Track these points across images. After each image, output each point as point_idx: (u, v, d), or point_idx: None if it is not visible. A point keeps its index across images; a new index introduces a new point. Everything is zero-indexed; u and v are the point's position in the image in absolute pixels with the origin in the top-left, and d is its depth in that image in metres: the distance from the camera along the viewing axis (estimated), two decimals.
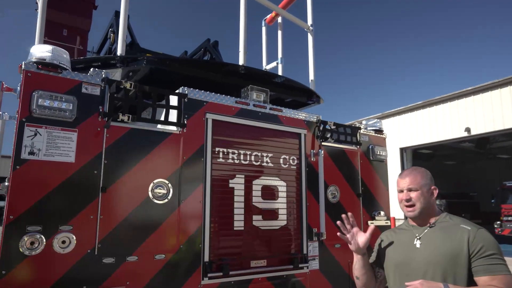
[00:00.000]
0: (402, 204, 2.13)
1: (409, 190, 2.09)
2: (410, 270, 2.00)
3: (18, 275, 2.45)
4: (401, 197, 2.13)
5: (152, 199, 3.00)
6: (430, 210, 2.10)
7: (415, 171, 2.14)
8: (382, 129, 4.80)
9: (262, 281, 3.49)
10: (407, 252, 2.08)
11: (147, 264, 2.91)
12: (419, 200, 2.06)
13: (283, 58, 5.47)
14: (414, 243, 2.08)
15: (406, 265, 2.06)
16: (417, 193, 2.06)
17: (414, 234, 2.11)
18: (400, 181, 2.15)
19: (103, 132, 2.87)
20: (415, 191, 2.07)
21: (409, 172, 2.16)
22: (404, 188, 2.11)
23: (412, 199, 2.07)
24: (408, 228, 2.19)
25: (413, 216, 2.11)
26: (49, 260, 2.55)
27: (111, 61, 3.54)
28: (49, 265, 2.55)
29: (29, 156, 2.58)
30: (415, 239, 2.08)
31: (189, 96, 3.34)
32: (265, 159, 3.72)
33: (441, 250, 1.96)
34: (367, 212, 4.40)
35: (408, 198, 2.08)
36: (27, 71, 2.64)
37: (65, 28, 4.76)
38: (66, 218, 2.64)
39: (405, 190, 2.10)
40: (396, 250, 2.17)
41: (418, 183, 2.07)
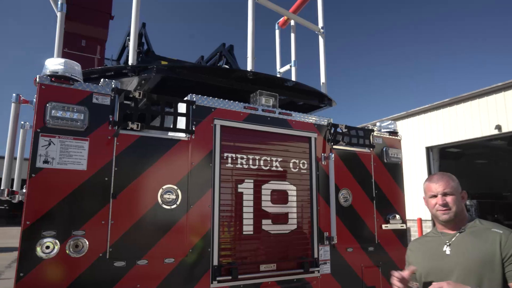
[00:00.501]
0: (435, 209, 2.09)
1: (444, 195, 2.06)
2: (442, 277, 1.95)
3: (35, 277, 2.59)
4: (435, 202, 2.09)
5: (162, 205, 3.09)
6: (462, 215, 2.09)
7: (446, 176, 2.12)
8: (397, 130, 4.71)
9: (272, 285, 3.51)
10: (437, 259, 2.06)
11: (157, 267, 3.00)
12: (455, 204, 2.04)
13: (296, 61, 5.47)
14: (444, 249, 2.05)
15: (437, 272, 2.03)
16: (453, 197, 2.05)
17: (444, 241, 2.08)
18: (433, 185, 2.12)
19: (114, 140, 2.98)
20: (450, 195, 2.05)
21: (441, 176, 2.13)
22: (438, 192, 2.08)
23: (449, 203, 2.05)
24: (436, 235, 2.17)
25: (448, 219, 2.07)
26: (63, 263, 2.68)
27: (123, 71, 3.66)
28: (63, 268, 2.68)
29: (43, 165, 2.72)
30: (445, 245, 2.06)
31: (197, 103, 3.41)
32: (275, 164, 3.75)
33: (472, 255, 1.92)
34: (381, 216, 4.33)
35: (445, 203, 2.05)
36: (41, 83, 2.79)
37: (84, 39, 4.97)
38: (79, 223, 2.77)
39: (439, 195, 2.07)
40: (425, 258, 2.14)
41: (452, 187, 2.06)
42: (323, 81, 4.77)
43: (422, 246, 2.22)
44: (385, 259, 4.26)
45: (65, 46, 4.78)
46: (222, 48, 6.49)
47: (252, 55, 3.98)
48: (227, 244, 3.38)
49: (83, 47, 4.94)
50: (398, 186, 4.57)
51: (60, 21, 4.06)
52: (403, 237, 4.47)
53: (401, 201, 4.55)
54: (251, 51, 3.98)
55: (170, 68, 3.93)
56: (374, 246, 4.21)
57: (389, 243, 4.33)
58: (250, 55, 3.98)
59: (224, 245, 3.35)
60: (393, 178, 4.55)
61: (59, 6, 4.09)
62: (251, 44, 3.97)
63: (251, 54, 3.97)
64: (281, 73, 5.83)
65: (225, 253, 3.34)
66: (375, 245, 4.22)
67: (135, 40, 3.69)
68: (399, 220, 4.43)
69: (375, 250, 4.21)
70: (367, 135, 4.39)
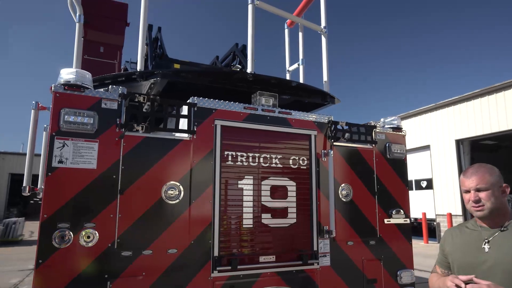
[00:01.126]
0: (470, 205, 1.98)
1: (477, 190, 1.94)
2: (476, 274, 1.86)
3: (51, 264, 2.93)
4: (468, 197, 1.98)
5: (165, 200, 3.37)
6: (501, 211, 1.95)
7: (482, 169, 1.98)
8: (401, 126, 4.75)
9: (271, 276, 3.72)
10: (474, 254, 1.97)
11: (161, 257, 3.29)
12: (489, 200, 1.91)
13: (304, 60, 5.60)
14: (483, 246, 1.95)
15: (472, 268, 1.94)
16: (487, 193, 1.92)
17: (483, 237, 1.98)
18: (466, 180, 1.99)
19: (121, 141, 3.28)
20: (484, 190, 1.92)
21: (475, 170, 1.99)
22: (471, 188, 1.96)
23: (482, 199, 1.93)
24: (475, 228, 2.05)
25: (482, 216, 1.97)
26: (76, 252, 3.02)
27: (132, 76, 3.96)
28: (76, 257, 3.02)
29: (58, 165, 3.06)
30: (484, 242, 1.96)
31: (199, 105, 3.65)
32: (274, 161, 3.94)
33: None
34: (383, 211, 4.43)
35: (477, 199, 1.93)
36: (55, 92, 3.12)
37: (102, 46, 5.35)
38: (90, 217, 3.09)
39: (472, 190, 1.95)
40: (462, 251, 2.05)
41: (487, 181, 1.92)
42: (325, 79, 4.88)
43: (460, 237, 2.12)
44: (387, 252, 4.36)
45: (85, 53, 5.19)
46: (235, 48, 6.70)
47: (252, 57, 4.17)
48: (228, 237, 3.62)
49: (101, 53, 5.32)
50: (401, 181, 4.63)
51: (78, 31, 4.42)
52: (407, 231, 4.54)
53: (404, 196, 4.62)
54: (251, 53, 4.17)
55: (175, 73, 4.19)
56: (375, 240, 4.31)
57: (391, 237, 4.42)
58: (250, 58, 4.17)
59: (224, 237, 3.59)
60: (397, 173, 4.61)
61: (77, 17, 4.45)
62: (251, 47, 4.16)
63: (251, 57, 4.17)
64: (290, 72, 5.98)
65: (225, 245, 3.58)
66: (377, 239, 4.32)
67: (143, 47, 3.97)
68: (402, 215, 4.50)
69: (377, 244, 4.32)
70: (369, 132, 4.48)
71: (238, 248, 3.65)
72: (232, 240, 3.64)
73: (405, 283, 4.38)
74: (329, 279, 4.00)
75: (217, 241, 3.52)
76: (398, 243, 4.45)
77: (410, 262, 4.48)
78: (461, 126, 17.16)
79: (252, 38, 4.16)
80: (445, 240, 2.24)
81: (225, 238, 3.59)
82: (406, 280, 4.38)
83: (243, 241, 3.70)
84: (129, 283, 3.14)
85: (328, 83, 4.85)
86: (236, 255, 3.59)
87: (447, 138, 17.69)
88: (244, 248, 3.69)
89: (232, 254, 3.59)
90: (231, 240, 3.63)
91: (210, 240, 3.50)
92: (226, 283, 3.51)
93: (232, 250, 3.61)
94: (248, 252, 3.69)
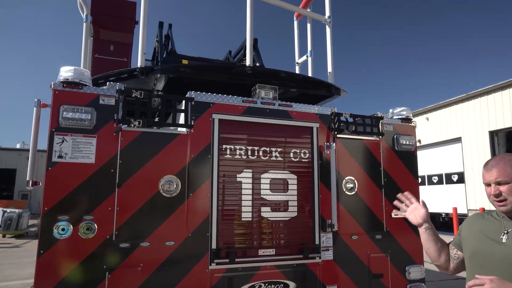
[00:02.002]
0: (491, 199, 1.92)
1: (498, 184, 1.86)
2: (487, 262, 1.86)
3: (52, 254, 3.06)
4: (489, 191, 1.93)
5: (162, 193, 3.43)
6: None
7: (504, 161, 1.89)
8: (410, 117, 4.58)
9: (271, 269, 3.71)
10: (490, 243, 1.92)
11: (158, 249, 3.35)
12: (511, 193, 1.83)
13: (312, 51, 5.51)
14: (501, 237, 1.89)
15: (484, 255, 1.91)
16: (508, 186, 1.83)
17: (503, 227, 1.91)
18: (486, 173, 1.93)
19: (118, 136, 3.36)
20: (505, 184, 1.84)
21: (496, 162, 1.91)
22: (491, 181, 1.89)
23: (503, 193, 1.85)
24: (498, 218, 1.99)
25: (505, 211, 1.91)
26: (76, 243, 3.13)
27: (134, 73, 4.03)
28: (76, 248, 3.13)
29: (58, 159, 3.18)
30: (503, 232, 1.89)
31: (196, 99, 3.68)
32: (274, 154, 3.91)
33: None
34: (391, 204, 4.29)
35: (498, 193, 1.86)
36: (55, 89, 3.24)
37: (112, 44, 5.49)
38: (89, 209, 3.20)
39: (492, 183, 1.89)
40: (479, 237, 2.01)
41: (508, 174, 1.83)
42: (330, 70, 4.77)
43: (480, 224, 2.06)
44: (395, 247, 4.23)
45: (95, 52, 5.36)
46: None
47: (250, 51, 4.14)
48: (226, 230, 3.63)
49: (112, 52, 5.46)
50: (411, 173, 4.47)
51: (85, 30, 4.56)
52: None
53: (414, 189, 4.44)
54: (249, 46, 4.14)
55: (174, 68, 4.24)
56: (382, 234, 4.19)
57: (400, 232, 4.28)
58: (249, 51, 4.14)
59: (222, 230, 3.61)
60: (406, 166, 4.46)
61: (84, 16, 4.59)
62: (249, 40, 4.13)
63: (250, 50, 4.14)
64: (299, 64, 5.90)
65: (223, 238, 3.60)
66: (384, 233, 4.20)
67: (143, 44, 4.04)
68: None
69: (384, 238, 4.20)
70: (375, 123, 4.35)
71: (236, 241, 3.66)
72: (231, 233, 3.65)
73: (414, 279, 4.24)
74: (332, 274, 3.93)
75: (215, 234, 3.55)
76: (407, 237, 4.30)
77: (420, 258, 4.32)
78: (495, 116, 16.33)
79: (251, 31, 4.13)
80: (464, 224, 2.20)
81: (223, 231, 3.61)
82: (415, 275, 4.24)
83: (241, 234, 3.70)
84: (127, 274, 3.23)
85: (332, 74, 4.75)
86: (234, 248, 3.61)
87: (479, 130, 16.90)
88: (242, 241, 3.70)
89: (230, 247, 3.60)
90: (229, 233, 3.65)
91: (207, 233, 3.53)
92: (225, 275, 3.54)
93: (230, 243, 3.63)
94: (247, 245, 3.69)
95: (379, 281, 4.10)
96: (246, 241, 3.71)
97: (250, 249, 3.69)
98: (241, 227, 3.71)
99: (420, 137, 20.42)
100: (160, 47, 5.84)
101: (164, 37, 6.17)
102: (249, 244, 3.71)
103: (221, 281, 3.51)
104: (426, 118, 20.29)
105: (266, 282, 3.66)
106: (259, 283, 3.63)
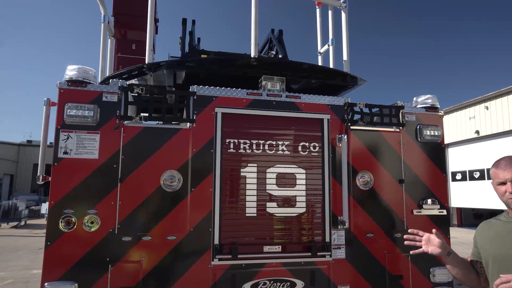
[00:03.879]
0: (506, 197, 1.99)
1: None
2: (509, 265, 1.89)
3: (58, 246, 3.21)
4: (505, 189, 1.99)
5: (164, 188, 3.44)
6: None
7: None
8: (436, 105, 4.17)
9: (276, 266, 3.58)
10: (505, 246, 1.97)
11: (160, 243, 3.38)
12: None
13: (334, 40, 5.24)
14: None
15: (504, 259, 1.95)
16: None
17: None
18: (500, 172, 2.02)
19: (120, 132, 3.43)
20: None
21: (509, 161, 2.01)
22: (507, 180, 1.97)
23: None
24: (507, 219, 2.06)
25: None
26: (80, 236, 3.25)
27: (142, 69, 4.09)
28: (80, 240, 3.25)
29: (63, 155, 3.31)
30: None
31: (198, 93, 3.64)
32: (281, 148, 3.76)
33: None
34: (413, 200, 3.96)
35: None
36: (60, 88, 3.38)
37: (134, 43, 5.64)
38: (92, 204, 3.30)
39: (508, 181, 1.96)
40: (495, 243, 2.06)
41: None
42: (345, 58, 4.49)
43: (491, 230, 2.12)
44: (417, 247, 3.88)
45: (118, 51, 5.54)
46: (271, 34, 6.56)
47: (255, 42, 4.01)
48: (229, 225, 3.57)
49: (133, 50, 5.62)
50: (437, 167, 4.09)
51: (103, 30, 4.72)
52: (443, 223, 4.00)
53: (440, 183, 4.07)
54: (254, 38, 4.00)
55: (180, 63, 4.23)
56: (402, 233, 3.88)
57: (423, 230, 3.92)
58: (253, 42, 4.01)
59: (225, 225, 3.55)
60: (431, 158, 4.08)
61: (102, 17, 4.75)
62: (254, 31, 3.99)
63: (254, 41, 4.00)
64: (322, 54, 5.65)
65: (226, 233, 3.54)
66: (404, 231, 3.88)
67: (150, 40, 4.09)
68: (436, 205, 3.97)
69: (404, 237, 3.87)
70: (395, 113, 4.03)
71: (240, 237, 3.58)
72: (234, 229, 3.58)
73: (439, 282, 3.87)
74: (344, 273, 3.72)
75: (218, 230, 3.50)
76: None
77: None
78: None
79: (255, 21, 4.00)
80: (477, 234, 2.23)
81: (226, 227, 3.55)
82: (440, 278, 3.87)
83: (245, 230, 3.62)
84: (129, 267, 3.29)
85: (348, 63, 4.46)
86: (237, 243, 3.53)
87: None
88: (246, 237, 3.61)
89: (233, 242, 3.53)
90: (232, 228, 3.58)
91: (210, 228, 3.49)
92: (227, 271, 3.48)
93: (233, 238, 3.56)
94: (251, 241, 3.60)
95: (398, 283, 3.80)
96: (250, 237, 3.62)
97: (254, 246, 3.59)
98: (245, 223, 3.62)
99: (479, 128, 18.87)
100: (182, 43, 5.91)
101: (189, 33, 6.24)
102: (254, 240, 3.61)
103: (223, 277, 3.46)
104: (485, 107, 18.66)
105: (272, 280, 3.55)
106: (263, 281, 3.53)
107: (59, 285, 3.12)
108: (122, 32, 5.52)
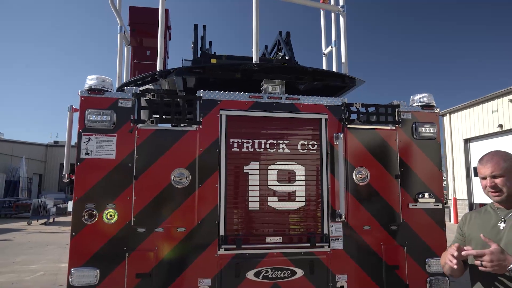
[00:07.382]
0: (487, 190, 2.10)
1: (493, 177, 2.05)
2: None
3: (82, 236, 3.61)
4: (485, 184, 2.10)
5: (174, 184, 3.80)
6: None
7: (497, 156, 2.08)
8: (432, 103, 4.36)
9: (278, 256, 3.88)
10: (491, 234, 2.04)
11: (171, 234, 3.74)
12: (505, 185, 2.02)
13: (337, 41, 5.47)
14: (498, 224, 2.06)
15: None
16: (503, 179, 2.02)
17: (499, 216, 2.08)
18: (481, 168, 2.12)
19: (135, 134, 3.80)
20: (500, 177, 2.03)
21: (490, 157, 2.10)
22: (487, 175, 2.07)
23: (498, 185, 2.04)
24: (493, 210, 2.16)
25: (499, 201, 2.08)
26: (101, 227, 3.65)
27: (154, 76, 4.46)
28: (100, 231, 3.64)
29: (85, 156, 3.72)
30: (500, 221, 2.07)
31: (204, 97, 3.97)
32: (281, 146, 4.05)
33: None
34: (408, 194, 4.17)
35: (493, 185, 2.05)
36: (81, 96, 3.78)
37: (148, 50, 6.04)
38: (111, 199, 3.69)
39: (488, 177, 2.07)
40: (479, 230, 2.12)
41: (501, 168, 2.02)
42: (344, 60, 4.71)
43: (478, 218, 2.22)
44: (413, 239, 4.12)
45: (134, 58, 5.94)
46: (279, 36, 6.83)
47: (256, 47, 4.30)
48: (233, 218, 3.89)
49: (148, 57, 6.01)
50: (432, 163, 4.28)
51: (119, 40, 5.12)
52: (438, 217, 4.20)
53: (435, 179, 4.26)
54: (255, 44, 4.30)
55: (189, 69, 4.57)
56: (398, 225, 4.11)
57: (419, 223, 4.15)
58: (254, 48, 4.30)
59: (230, 218, 3.87)
60: (427, 155, 4.28)
61: (118, 28, 5.15)
62: (255, 36, 4.28)
63: (255, 47, 4.29)
64: (326, 55, 5.88)
65: (231, 226, 3.87)
66: (400, 224, 4.11)
67: (161, 49, 4.44)
68: (431, 199, 4.17)
69: (400, 229, 4.11)
70: (391, 112, 4.25)
71: (243, 229, 3.90)
72: (238, 222, 3.91)
73: (435, 272, 4.08)
74: (342, 263, 3.98)
75: (223, 222, 3.83)
76: (427, 229, 4.15)
77: (442, 251, 4.13)
78: None
79: (257, 27, 4.29)
80: (463, 222, 2.33)
81: (231, 219, 3.88)
82: (436, 268, 4.08)
83: (248, 223, 3.93)
84: (144, 255, 3.67)
85: (346, 64, 4.69)
86: (241, 235, 3.85)
87: None
88: (250, 229, 3.93)
89: (237, 234, 3.86)
90: (237, 221, 3.90)
91: (216, 221, 3.82)
92: (232, 260, 3.81)
93: (238, 230, 3.88)
94: (254, 233, 3.91)
95: (394, 273, 4.03)
96: (253, 229, 3.93)
97: (257, 237, 3.90)
98: (248, 216, 3.94)
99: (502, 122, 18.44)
100: (194, 48, 6.26)
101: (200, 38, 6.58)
102: (256, 232, 3.92)
103: (229, 265, 3.79)
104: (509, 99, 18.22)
105: (273, 268, 3.85)
106: (266, 269, 3.84)
107: (83, 270, 3.53)
108: (137, 40, 5.93)
